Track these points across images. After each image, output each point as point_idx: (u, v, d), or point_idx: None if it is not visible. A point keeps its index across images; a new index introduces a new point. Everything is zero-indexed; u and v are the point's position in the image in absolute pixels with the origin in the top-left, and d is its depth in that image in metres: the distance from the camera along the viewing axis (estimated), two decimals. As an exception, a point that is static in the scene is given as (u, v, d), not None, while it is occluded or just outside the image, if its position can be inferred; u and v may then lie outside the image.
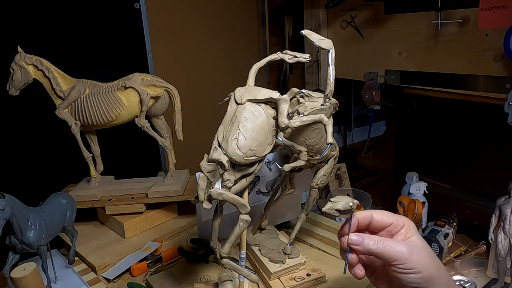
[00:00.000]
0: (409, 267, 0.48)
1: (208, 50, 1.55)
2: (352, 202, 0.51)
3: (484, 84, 1.09)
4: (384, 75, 1.33)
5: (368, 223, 0.53)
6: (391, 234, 0.53)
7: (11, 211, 0.72)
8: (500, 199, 1.02)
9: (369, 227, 0.53)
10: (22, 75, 1.00)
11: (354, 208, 0.51)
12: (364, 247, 0.50)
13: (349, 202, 0.50)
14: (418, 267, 0.48)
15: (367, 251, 0.50)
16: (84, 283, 0.91)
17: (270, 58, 0.73)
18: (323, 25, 1.51)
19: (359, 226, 0.53)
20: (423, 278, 0.48)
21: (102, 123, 1.06)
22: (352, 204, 0.51)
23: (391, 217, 0.53)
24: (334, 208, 0.51)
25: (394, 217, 0.53)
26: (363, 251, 0.50)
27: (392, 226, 0.53)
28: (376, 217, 0.53)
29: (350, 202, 0.50)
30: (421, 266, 0.48)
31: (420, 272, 0.48)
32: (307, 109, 0.72)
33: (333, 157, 0.82)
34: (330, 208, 0.51)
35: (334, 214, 0.51)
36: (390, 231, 0.53)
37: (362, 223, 0.53)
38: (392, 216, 0.53)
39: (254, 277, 0.72)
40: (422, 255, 0.49)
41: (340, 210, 0.51)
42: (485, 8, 1.02)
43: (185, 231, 1.12)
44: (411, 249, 0.49)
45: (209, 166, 0.64)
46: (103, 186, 1.14)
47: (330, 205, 0.51)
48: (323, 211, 0.52)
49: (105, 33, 1.27)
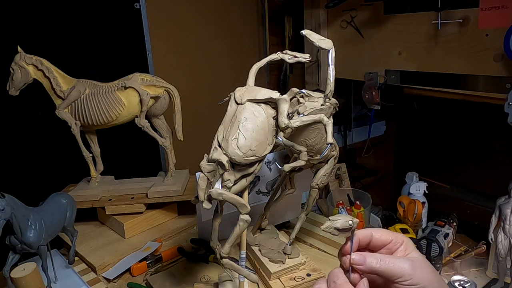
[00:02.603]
0: (413, 283, 0.48)
1: (208, 50, 1.55)
2: (351, 221, 0.50)
3: (484, 84, 1.09)
4: (384, 75, 1.33)
5: (368, 241, 0.52)
6: (391, 251, 0.53)
7: (11, 211, 0.72)
8: (500, 199, 1.01)
9: (369, 245, 0.53)
10: (22, 75, 1.00)
11: (355, 226, 0.51)
12: (367, 266, 0.49)
13: (348, 220, 0.50)
14: (423, 282, 0.48)
15: (370, 269, 0.49)
16: (84, 283, 0.91)
17: (270, 58, 0.73)
18: (323, 25, 1.51)
19: (360, 245, 0.52)
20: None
21: (102, 123, 1.06)
22: (352, 222, 0.50)
23: (390, 235, 0.53)
24: (333, 227, 0.50)
25: (393, 235, 0.53)
26: (366, 270, 0.50)
27: (392, 243, 0.52)
28: (375, 235, 0.52)
29: (350, 221, 0.50)
30: (425, 281, 0.48)
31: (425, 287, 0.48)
32: (307, 109, 0.72)
33: (333, 157, 0.82)
34: (329, 226, 0.50)
35: (333, 232, 0.51)
36: (390, 248, 0.52)
37: (363, 241, 0.52)
38: (391, 233, 0.53)
39: (254, 277, 0.72)
40: (425, 269, 0.49)
41: (339, 228, 0.50)
42: (485, 8, 1.02)
43: (185, 231, 1.12)
44: (414, 265, 0.48)
45: (209, 166, 0.64)
46: (103, 186, 1.14)
47: (329, 223, 0.51)
48: (322, 229, 0.51)
49: (105, 33, 1.27)
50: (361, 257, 0.50)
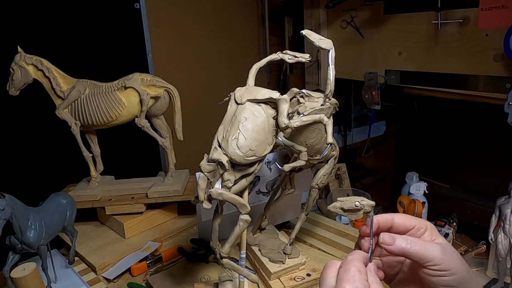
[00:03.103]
0: (444, 268, 0.46)
1: (208, 50, 1.55)
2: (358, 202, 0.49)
3: (484, 84, 1.09)
4: (384, 75, 1.33)
5: (390, 226, 0.50)
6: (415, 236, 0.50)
7: (11, 211, 0.72)
8: (500, 199, 1.01)
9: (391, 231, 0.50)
10: (22, 75, 1.00)
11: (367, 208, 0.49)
12: (396, 247, 0.47)
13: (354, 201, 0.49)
14: (453, 269, 0.46)
15: (400, 251, 0.47)
16: (84, 283, 0.91)
17: (270, 58, 0.73)
18: (323, 25, 1.51)
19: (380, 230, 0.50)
20: (457, 280, 0.46)
21: (102, 123, 1.06)
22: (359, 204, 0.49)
23: (413, 220, 0.50)
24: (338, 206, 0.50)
25: (416, 220, 0.50)
26: (395, 251, 0.47)
27: (415, 229, 0.50)
28: (398, 220, 0.50)
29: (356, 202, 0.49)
30: (455, 268, 0.46)
31: (455, 274, 0.46)
32: (307, 109, 0.72)
33: (333, 157, 0.82)
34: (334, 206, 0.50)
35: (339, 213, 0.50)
36: (412, 234, 0.50)
37: (384, 226, 0.50)
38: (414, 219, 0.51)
39: (254, 277, 0.72)
40: (454, 256, 0.47)
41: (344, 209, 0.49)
42: (485, 8, 1.02)
43: (185, 231, 1.12)
44: (444, 250, 0.46)
45: (209, 166, 0.64)
46: (103, 186, 1.14)
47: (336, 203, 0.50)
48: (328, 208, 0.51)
49: (105, 33, 1.27)
50: (390, 238, 0.47)
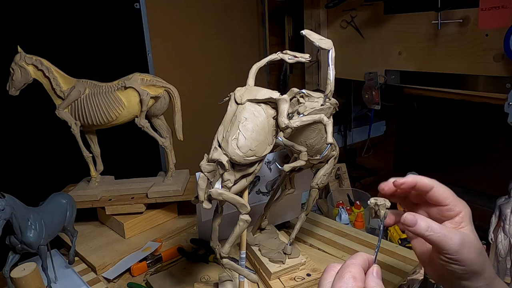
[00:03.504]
0: (457, 260, 0.47)
1: (208, 50, 1.55)
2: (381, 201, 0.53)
3: (484, 84, 1.09)
4: (384, 75, 1.33)
5: (427, 192, 0.50)
6: (442, 215, 0.50)
7: (11, 211, 0.72)
8: (500, 199, 1.01)
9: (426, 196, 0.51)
10: (22, 75, 1.00)
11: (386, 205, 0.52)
12: (415, 229, 0.47)
13: None
14: (467, 261, 0.47)
15: (418, 233, 0.48)
16: (84, 283, 0.90)
17: (270, 58, 0.73)
18: (323, 25, 1.51)
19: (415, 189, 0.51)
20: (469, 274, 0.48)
21: (102, 123, 1.06)
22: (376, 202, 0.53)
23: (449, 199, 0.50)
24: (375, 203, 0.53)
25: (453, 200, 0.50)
26: (414, 232, 0.48)
27: (446, 208, 0.50)
28: (437, 190, 0.50)
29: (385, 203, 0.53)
30: (467, 262, 0.47)
31: (467, 266, 0.47)
32: (307, 109, 0.72)
33: (333, 157, 0.82)
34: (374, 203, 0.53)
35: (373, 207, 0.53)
36: (441, 212, 0.50)
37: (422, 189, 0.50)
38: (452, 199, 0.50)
39: (254, 277, 0.72)
40: (472, 249, 0.48)
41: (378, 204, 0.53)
42: (485, 8, 1.02)
43: (185, 231, 1.12)
44: (463, 241, 0.47)
45: (209, 166, 0.64)
46: (103, 186, 1.14)
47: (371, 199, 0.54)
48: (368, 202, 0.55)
49: (105, 33, 1.27)
50: (413, 218, 0.48)
